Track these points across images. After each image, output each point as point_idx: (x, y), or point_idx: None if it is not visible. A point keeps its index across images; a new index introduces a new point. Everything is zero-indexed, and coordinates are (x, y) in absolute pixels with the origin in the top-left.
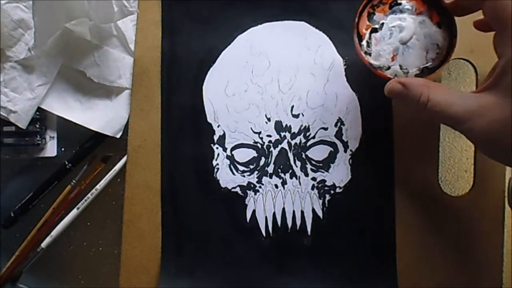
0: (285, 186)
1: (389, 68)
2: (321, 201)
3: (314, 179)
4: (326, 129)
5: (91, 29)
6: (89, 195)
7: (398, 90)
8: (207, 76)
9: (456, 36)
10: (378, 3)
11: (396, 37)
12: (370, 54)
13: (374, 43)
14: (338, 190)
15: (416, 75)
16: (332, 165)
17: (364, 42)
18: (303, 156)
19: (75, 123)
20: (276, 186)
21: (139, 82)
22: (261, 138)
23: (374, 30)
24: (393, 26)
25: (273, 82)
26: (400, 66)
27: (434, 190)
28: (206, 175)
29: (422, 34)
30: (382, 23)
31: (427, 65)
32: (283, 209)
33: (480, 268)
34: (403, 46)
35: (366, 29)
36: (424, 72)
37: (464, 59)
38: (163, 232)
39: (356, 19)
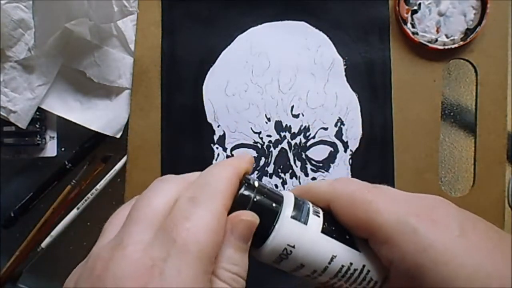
0: (285, 186)
1: (436, 40)
2: None
3: (314, 179)
4: (326, 129)
5: (91, 29)
6: (89, 195)
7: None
8: (207, 76)
9: None
10: None
11: (435, 11)
12: (417, 34)
13: (417, 22)
14: None
15: (461, 38)
16: (332, 165)
17: (408, 25)
18: (303, 156)
19: (75, 123)
20: (276, 186)
21: (139, 82)
22: (261, 138)
23: (414, 12)
24: (429, 3)
25: (273, 82)
26: (446, 35)
27: (434, 190)
28: None
29: (456, 1)
30: (419, 3)
31: (468, 26)
32: None
33: None
34: (443, 17)
35: (407, 13)
36: (467, 34)
37: (464, 59)
38: None
39: (397, 7)
